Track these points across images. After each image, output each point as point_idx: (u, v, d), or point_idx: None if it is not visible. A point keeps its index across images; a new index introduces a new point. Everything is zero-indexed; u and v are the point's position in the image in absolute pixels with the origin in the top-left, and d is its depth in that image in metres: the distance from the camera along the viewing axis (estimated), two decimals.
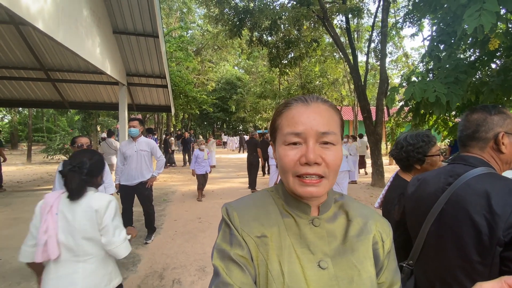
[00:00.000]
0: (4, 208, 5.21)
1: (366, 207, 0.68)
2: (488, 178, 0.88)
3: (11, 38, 6.11)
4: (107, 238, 1.34)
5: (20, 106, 11.95)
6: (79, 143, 2.62)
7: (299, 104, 0.59)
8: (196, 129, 30.60)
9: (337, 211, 0.64)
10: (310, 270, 0.55)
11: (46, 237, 1.28)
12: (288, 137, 0.56)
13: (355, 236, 0.61)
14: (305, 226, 0.60)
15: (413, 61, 20.10)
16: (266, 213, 0.61)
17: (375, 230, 0.63)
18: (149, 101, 8.90)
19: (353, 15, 8.81)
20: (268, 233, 0.58)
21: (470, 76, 3.69)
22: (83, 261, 1.33)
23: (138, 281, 2.79)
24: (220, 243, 0.58)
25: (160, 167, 3.92)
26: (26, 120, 19.25)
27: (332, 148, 0.56)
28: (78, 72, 7.24)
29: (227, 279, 0.53)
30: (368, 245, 0.61)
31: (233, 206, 0.62)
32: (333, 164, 0.55)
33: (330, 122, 0.57)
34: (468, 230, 0.84)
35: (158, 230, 4.18)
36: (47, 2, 3.27)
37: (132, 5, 5.50)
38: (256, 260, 0.56)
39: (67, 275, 1.31)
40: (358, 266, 0.58)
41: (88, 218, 1.33)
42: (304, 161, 0.54)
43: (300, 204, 0.61)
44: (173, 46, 12.22)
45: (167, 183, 8.19)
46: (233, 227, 0.58)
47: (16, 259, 3.14)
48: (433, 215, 0.95)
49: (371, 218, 0.65)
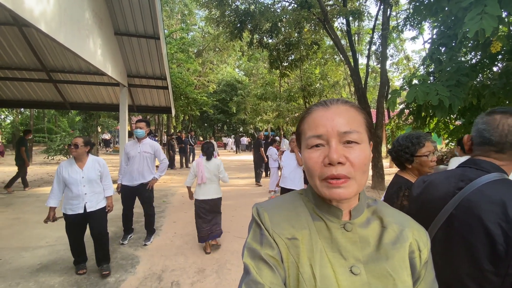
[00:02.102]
0: (5, 209, 5.21)
1: (402, 214, 0.66)
2: (503, 185, 0.84)
3: (14, 39, 6.15)
4: (222, 174, 3.57)
5: (22, 106, 11.99)
6: (74, 143, 2.79)
7: (319, 108, 0.60)
8: (197, 130, 30.61)
9: (370, 216, 0.63)
10: (342, 275, 0.55)
11: (201, 174, 3.46)
12: (310, 140, 0.57)
13: (390, 243, 0.59)
14: (336, 231, 0.59)
15: (414, 64, 20.12)
16: (296, 216, 0.61)
17: (411, 239, 0.60)
18: (149, 102, 8.92)
19: (353, 18, 8.83)
20: (299, 235, 0.58)
21: (471, 79, 3.68)
22: (212, 183, 3.53)
23: (136, 283, 2.77)
24: (251, 242, 0.58)
25: (162, 169, 3.91)
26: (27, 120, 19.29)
27: (356, 147, 0.55)
28: (79, 73, 7.27)
29: (258, 278, 0.53)
30: (404, 253, 0.58)
31: (263, 207, 0.62)
32: (358, 163, 0.54)
33: (351, 121, 0.56)
34: (481, 238, 0.81)
35: (157, 232, 4.17)
36: (49, 4, 3.28)
37: (133, 7, 5.52)
38: (287, 262, 0.56)
39: (208, 188, 3.51)
40: (394, 275, 0.56)
41: (215, 167, 3.52)
42: (328, 161, 0.54)
43: (331, 208, 0.60)
44: (174, 48, 12.25)
45: (167, 185, 8.18)
46: (263, 227, 0.59)
47: (16, 259, 3.15)
48: (441, 220, 0.92)
49: (408, 226, 0.62)
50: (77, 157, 2.83)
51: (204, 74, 23.09)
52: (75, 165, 2.83)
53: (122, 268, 3.07)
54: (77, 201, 2.78)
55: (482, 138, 0.93)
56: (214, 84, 25.15)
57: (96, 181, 2.90)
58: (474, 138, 0.97)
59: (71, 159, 2.87)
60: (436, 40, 4.31)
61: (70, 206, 2.78)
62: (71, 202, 2.78)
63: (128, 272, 2.98)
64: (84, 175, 2.81)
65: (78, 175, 2.79)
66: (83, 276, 2.85)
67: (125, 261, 3.24)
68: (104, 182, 3.01)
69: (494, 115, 0.91)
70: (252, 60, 22.21)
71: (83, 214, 2.78)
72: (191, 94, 13.05)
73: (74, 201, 2.77)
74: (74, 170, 2.80)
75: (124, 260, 3.25)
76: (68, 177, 2.76)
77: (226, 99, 27.13)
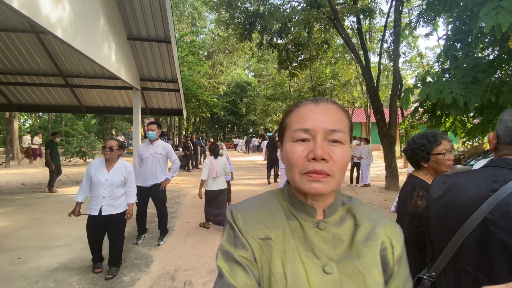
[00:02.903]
0: (25, 209, 5.42)
1: (376, 211, 0.66)
2: None
3: (32, 46, 6.40)
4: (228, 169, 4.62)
5: (40, 111, 12.45)
6: (109, 146, 2.83)
7: (309, 103, 0.60)
8: (208, 132, 30.90)
9: (345, 214, 0.63)
10: (314, 274, 0.55)
11: (214, 170, 4.19)
12: (296, 133, 0.57)
13: (362, 241, 0.59)
14: (310, 229, 0.59)
15: (428, 61, 19.62)
16: (271, 215, 0.61)
17: (384, 236, 0.61)
18: (161, 105, 9.07)
19: (364, 16, 8.70)
20: (273, 235, 0.58)
21: (489, 76, 3.56)
22: (221, 177, 4.32)
23: (150, 282, 2.83)
24: (225, 245, 0.58)
25: (174, 170, 3.97)
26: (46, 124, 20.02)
27: (340, 146, 0.56)
28: (94, 77, 7.48)
29: (231, 280, 0.53)
30: (375, 251, 0.59)
31: (238, 208, 0.62)
32: (340, 162, 0.55)
33: (339, 121, 0.57)
34: None
35: (170, 232, 4.24)
36: (65, 11, 3.40)
37: (145, 12, 5.65)
38: (260, 262, 0.56)
39: (218, 181, 4.28)
40: (364, 272, 0.56)
41: (223, 164, 4.38)
42: (312, 156, 0.54)
43: (305, 207, 0.60)
44: (184, 51, 12.44)
45: (179, 186, 8.29)
46: (237, 229, 0.58)
47: (35, 258, 3.27)
48: (472, 225, 0.84)
49: (380, 223, 0.62)
50: (109, 159, 2.86)
51: (214, 76, 23.31)
52: (104, 166, 2.86)
53: (137, 267, 3.14)
54: (95, 202, 2.81)
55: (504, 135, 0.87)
56: (224, 86, 25.34)
57: (118, 187, 2.88)
58: (502, 137, 0.91)
59: (102, 159, 2.91)
60: (451, 36, 4.20)
61: (90, 205, 2.83)
62: (91, 202, 2.83)
63: (142, 271, 3.04)
64: (108, 178, 2.82)
65: (103, 177, 2.81)
66: (100, 274, 2.93)
67: (139, 260, 3.31)
68: (128, 188, 3.00)
69: None
70: (261, 61, 22.24)
71: (98, 216, 2.79)
72: (201, 96, 13.21)
73: (92, 202, 2.82)
74: (101, 171, 2.83)
75: (138, 260, 3.32)
76: (94, 176, 2.80)
77: (236, 101, 27.28)
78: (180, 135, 20.58)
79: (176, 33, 14.74)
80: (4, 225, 4.48)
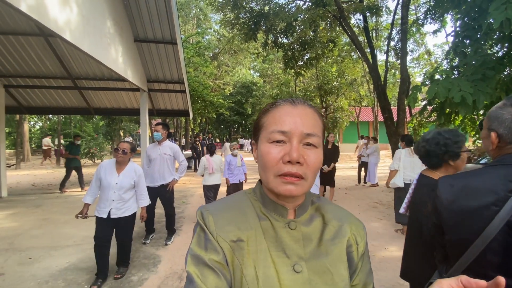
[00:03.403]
0: (36, 209, 5.53)
1: (343, 210, 0.69)
2: None
3: (41, 49, 6.52)
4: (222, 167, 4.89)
5: (50, 113, 12.69)
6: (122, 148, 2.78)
7: (286, 104, 0.60)
8: (214, 132, 31.04)
9: (314, 213, 0.65)
10: (285, 274, 0.55)
11: (211, 166, 4.56)
12: (273, 135, 0.57)
13: (329, 239, 0.61)
14: (281, 229, 0.60)
15: (436, 59, 19.30)
16: (243, 216, 0.60)
17: (349, 233, 0.63)
18: (168, 106, 9.15)
19: (371, 14, 8.61)
20: (245, 237, 0.57)
21: (498, 73, 3.48)
22: (217, 173, 4.66)
23: (158, 282, 2.85)
24: (194, 248, 0.57)
25: (181, 171, 3.99)
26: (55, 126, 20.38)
27: (314, 150, 0.57)
28: (102, 79, 7.59)
29: (202, 286, 0.52)
30: (342, 248, 0.61)
31: (208, 210, 0.61)
32: (313, 165, 0.56)
33: (314, 125, 0.58)
34: None
35: (177, 232, 4.26)
36: (73, 14, 3.45)
37: (152, 14, 5.70)
38: (232, 265, 0.55)
39: (214, 177, 4.65)
40: (332, 269, 0.58)
41: (219, 161, 4.74)
42: (287, 159, 0.54)
43: (277, 207, 0.61)
44: (190, 52, 12.52)
45: (186, 186, 8.35)
46: (208, 231, 0.57)
47: (46, 258, 3.32)
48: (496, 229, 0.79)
49: (346, 221, 0.65)
50: (121, 162, 2.82)
51: (220, 77, 23.40)
52: (114, 168, 2.81)
53: (145, 267, 3.17)
54: (104, 204, 2.76)
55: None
56: (230, 87, 25.42)
57: (127, 190, 2.84)
58: (506, 136, 0.87)
59: (112, 160, 2.86)
60: (459, 33, 4.12)
61: (99, 208, 2.78)
62: (100, 204, 2.79)
63: (150, 271, 3.07)
64: (118, 181, 2.77)
65: (113, 180, 2.75)
66: (108, 274, 2.96)
67: (147, 260, 3.34)
68: (139, 192, 2.97)
69: None
70: (266, 61, 22.23)
71: (106, 219, 2.75)
72: (207, 97, 13.27)
73: (101, 204, 2.77)
74: (111, 174, 2.77)
75: (146, 259, 3.35)
76: (103, 179, 2.76)
77: (242, 101, 27.33)
78: (186, 136, 20.73)
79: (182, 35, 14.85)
80: (14, 225, 4.58)
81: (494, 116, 0.91)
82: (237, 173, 5.22)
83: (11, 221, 4.78)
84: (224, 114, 22.19)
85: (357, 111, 20.07)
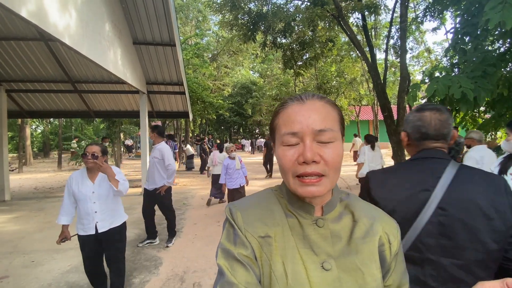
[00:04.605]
0: (38, 213, 5.54)
1: (373, 207, 0.66)
2: (470, 170, 0.95)
3: (41, 53, 6.55)
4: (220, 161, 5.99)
5: (51, 116, 12.71)
6: (91, 152, 2.30)
7: (294, 103, 0.58)
8: (214, 133, 31.09)
9: (343, 211, 0.63)
10: (314, 271, 0.55)
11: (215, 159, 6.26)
12: (285, 138, 0.56)
13: (360, 237, 0.59)
14: (308, 227, 0.59)
15: (436, 56, 19.27)
16: (270, 213, 0.61)
17: (381, 232, 0.61)
18: (168, 108, 9.16)
19: (369, 12, 8.60)
20: (272, 233, 0.58)
21: (499, 69, 3.46)
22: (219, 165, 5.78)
23: (160, 284, 2.85)
24: (224, 243, 0.58)
25: (168, 176, 3.79)
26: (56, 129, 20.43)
27: (331, 145, 0.55)
28: (101, 82, 7.61)
29: (232, 278, 0.53)
30: (373, 247, 0.59)
31: (236, 206, 0.62)
32: (332, 161, 0.54)
33: (327, 118, 0.56)
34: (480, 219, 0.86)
35: (178, 234, 4.26)
36: (72, 18, 3.47)
37: (150, 17, 5.71)
38: (260, 260, 0.56)
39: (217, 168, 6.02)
40: (363, 268, 0.57)
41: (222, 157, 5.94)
42: (302, 160, 0.53)
43: (303, 204, 0.60)
44: (189, 54, 12.52)
45: (187, 187, 8.34)
46: (236, 227, 0.58)
47: (48, 261, 3.33)
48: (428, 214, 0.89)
49: (378, 219, 0.63)
50: (92, 168, 2.38)
51: (219, 78, 23.41)
52: (86, 177, 2.38)
53: (146, 269, 3.17)
54: (87, 220, 2.34)
55: (420, 133, 1.01)
56: (229, 88, 25.43)
57: (109, 197, 2.43)
58: (412, 134, 1.04)
59: (82, 170, 2.43)
60: (459, 30, 4.11)
61: (81, 225, 2.37)
62: (82, 221, 2.36)
63: (151, 273, 3.07)
64: (95, 190, 2.36)
65: (88, 190, 2.34)
66: None
67: (148, 262, 3.34)
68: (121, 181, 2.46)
69: (424, 112, 1.01)
70: (266, 61, 22.24)
71: (95, 235, 2.36)
72: (207, 98, 13.26)
73: (84, 220, 2.35)
74: (84, 184, 2.35)
75: (147, 262, 3.35)
76: (77, 192, 2.33)
77: (241, 102, 27.34)
78: (186, 138, 20.75)
79: (181, 36, 14.87)
80: (18, 228, 4.59)
81: (405, 119, 1.09)
82: (237, 177, 4.89)
83: (14, 225, 4.80)
84: (224, 115, 22.18)
85: (357, 110, 20.07)
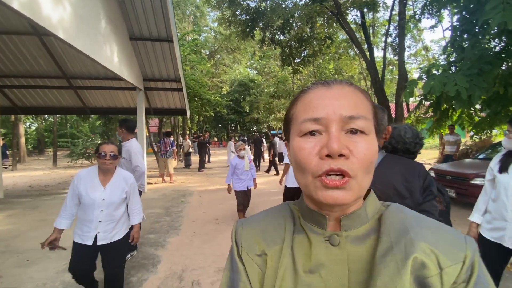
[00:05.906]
0: (32, 211, 5.47)
1: (424, 219, 0.46)
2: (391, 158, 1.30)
3: (35, 48, 6.43)
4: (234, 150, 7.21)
5: (46, 113, 12.57)
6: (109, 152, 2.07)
7: (318, 86, 0.47)
8: (211, 131, 31.00)
9: (374, 227, 0.47)
10: None
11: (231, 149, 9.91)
12: (304, 125, 0.45)
13: (379, 256, 0.42)
14: (319, 244, 0.47)
15: (433, 54, 19.34)
16: (273, 228, 0.52)
17: (422, 250, 0.41)
18: (165, 105, 9.08)
19: (368, 9, 8.58)
20: (269, 251, 0.49)
21: (495, 67, 3.46)
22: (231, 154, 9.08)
23: (158, 282, 2.82)
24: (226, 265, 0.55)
25: (137, 178, 3.17)
26: (51, 126, 20.23)
27: (363, 137, 0.43)
28: (97, 78, 7.51)
29: None
30: (395, 269, 0.40)
31: (243, 222, 0.57)
32: (364, 158, 0.42)
33: (358, 105, 0.44)
34: None
35: (176, 231, 4.24)
36: (66, 12, 3.39)
37: (147, 12, 5.63)
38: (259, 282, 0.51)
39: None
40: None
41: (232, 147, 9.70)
42: (326, 152, 0.41)
43: (313, 215, 0.48)
44: (187, 50, 12.41)
45: (185, 185, 8.31)
46: (234, 246, 0.54)
47: (43, 260, 3.28)
48: None
49: (422, 234, 0.43)
50: (108, 170, 2.13)
51: (217, 75, 23.29)
52: (97, 180, 2.09)
53: (144, 267, 3.14)
54: (88, 228, 2.08)
55: None
56: (227, 85, 25.33)
57: (118, 206, 2.16)
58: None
59: (91, 170, 2.14)
60: (457, 27, 4.10)
61: (79, 231, 2.11)
62: (81, 227, 2.10)
63: (149, 272, 3.04)
64: (105, 197, 2.07)
65: (98, 196, 2.05)
66: None
67: (146, 260, 3.31)
68: (131, 206, 2.30)
69: None
70: (264, 58, 22.18)
71: (92, 246, 2.08)
72: (204, 95, 13.19)
73: (84, 227, 2.09)
74: (94, 187, 2.06)
75: (145, 260, 3.32)
76: (85, 195, 2.04)
77: (239, 99, 27.27)
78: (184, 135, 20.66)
79: (178, 33, 14.74)
80: (11, 227, 4.52)
81: None
82: (245, 179, 4.48)
83: (8, 223, 4.73)
84: (221, 112, 22.11)
85: None
